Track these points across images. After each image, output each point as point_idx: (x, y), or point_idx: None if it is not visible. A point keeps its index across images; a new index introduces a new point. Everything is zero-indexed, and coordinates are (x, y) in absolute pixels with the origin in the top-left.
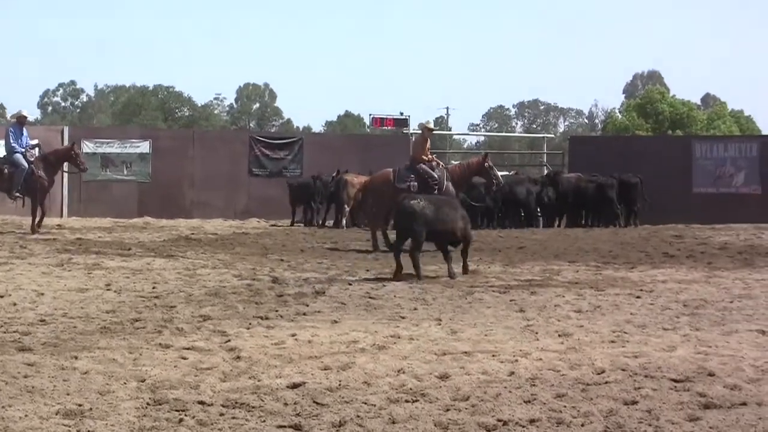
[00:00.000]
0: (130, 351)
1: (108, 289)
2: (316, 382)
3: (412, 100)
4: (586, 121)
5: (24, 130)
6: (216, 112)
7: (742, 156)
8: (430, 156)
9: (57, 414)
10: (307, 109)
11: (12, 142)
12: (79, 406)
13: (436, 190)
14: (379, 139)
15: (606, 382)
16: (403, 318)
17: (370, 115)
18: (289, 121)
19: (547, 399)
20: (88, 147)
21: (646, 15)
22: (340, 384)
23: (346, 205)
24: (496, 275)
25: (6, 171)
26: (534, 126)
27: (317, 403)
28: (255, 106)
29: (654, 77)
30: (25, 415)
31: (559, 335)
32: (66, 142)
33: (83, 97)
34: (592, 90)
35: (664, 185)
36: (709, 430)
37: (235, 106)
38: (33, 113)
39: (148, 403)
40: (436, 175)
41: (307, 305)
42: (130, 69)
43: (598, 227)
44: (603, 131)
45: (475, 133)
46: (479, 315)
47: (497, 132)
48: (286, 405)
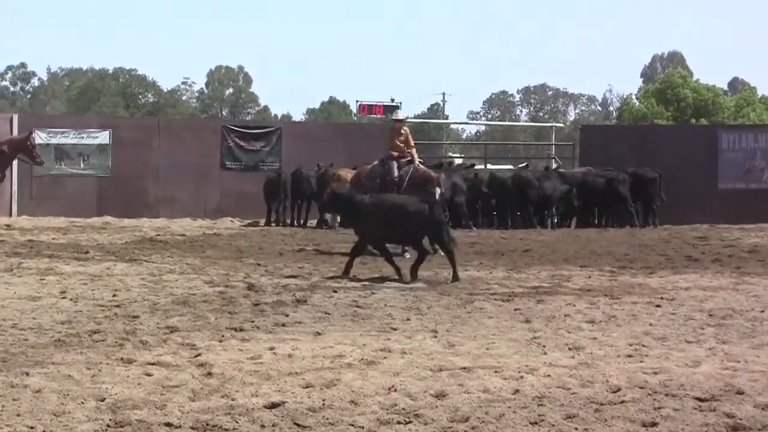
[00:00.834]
0: (88, 367)
1: (63, 297)
2: (296, 401)
3: (404, 86)
4: (600, 108)
5: None
6: (184, 98)
7: None
8: (408, 150)
9: None
10: (286, 95)
11: None
12: (31, 428)
13: (395, 191)
14: (367, 128)
15: (622, 402)
16: (394, 329)
17: (358, 101)
18: (266, 108)
19: (555, 420)
20: (40, 137)
21: None
22: (323, 404)
23: None
24: (498, 281)
25: None
26: (541, 114)
27: (298, 425)
28: (228, 92)
29: (675, 59)
30: None
31: (569, 349)
32: (15, 132)
33: (35, 82)
34: (606, 74)
35: (687, 180)
36: None
37: (206, 91)
38: None
39: (108, 425)
40: (396, 173)
41: (287, 315)
42: (88, 50)
43: (612, 227)
44: (618, 120)
45: (474, 122)
46: (480, 326)
47: (500, 121)
48: (263, 427)
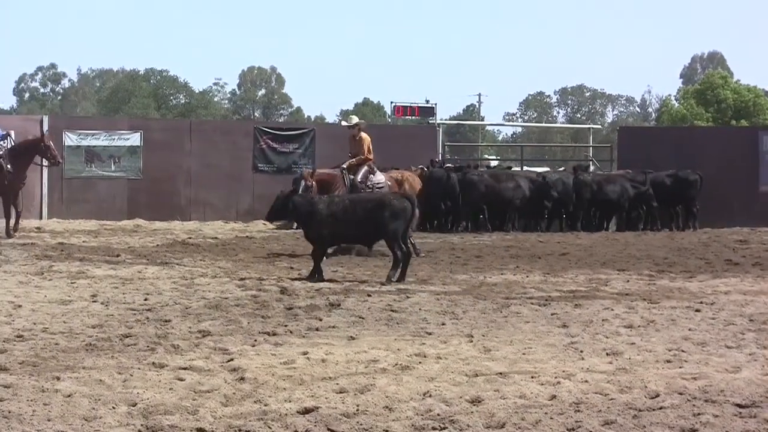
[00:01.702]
0: (119, 371)
1: (94, 301)
2: (330, 406)
3: (440, 86)
4: (638, 109)
5: None
6: (216, 99)
7: None
8: (360, 157)
9: None
10: (319, 96)
11: None
12: None
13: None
14: (402, 130)
15: (661, 408)
16: (429, 334)
17: (392, 103)
18: (299, 109)
19: (593, 426)
20: (70, 139)
21: None
22: (357, 409)
23: None
24: (535, 285)
25: None
26: (578, 115)
27: (332, 431)
28: (260, 93)
29: (715, 60)
30: None
31: (607, 354)
32: (46, 134)
33: (65, 83)
34: (645, 74)
35: (727, 183)
36: None
37: (238, 92)
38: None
39: (139, 431)
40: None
41: (321, 319)
42: (118, 51)
43: (651, 230)
44: (657, 121)
45: (511, 123)
46: (516, 331)
47: (536, 122)
48: None
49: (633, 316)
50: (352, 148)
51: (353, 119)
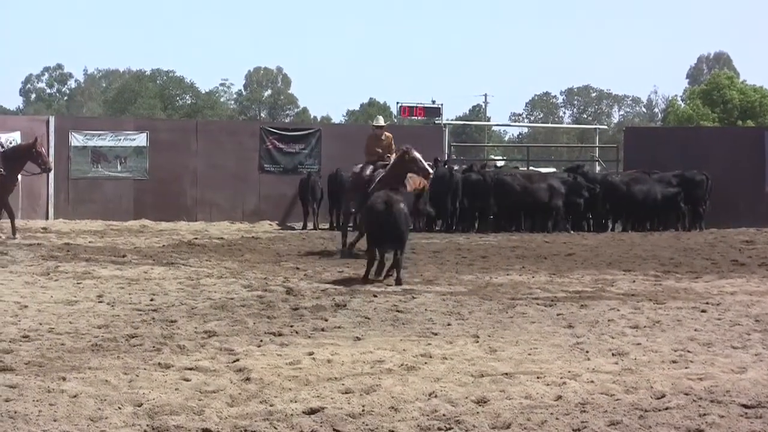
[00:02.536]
0: (125, 371)
1: (100, 301)
2: (336, 407)
3: (445, 87)
4: (644, 110)
5: None
6: (222, 100)
7: None
8: (388, 156)
9: None
10: (325, 96)
11: None
12: None
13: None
14: (408, 130)
15: (666, 408)
16: (435, 334)
17: (398, 103)
18: (305, 110)
19: (599, 427)
20: (77, 140)
21: None
22: (363, 409)
23: None
24: (541, 286)
25: None
26: (584, 116)
27: (337, 431)
28: (266, 94)
29: (721, 60)
30: None
31: (613, 354)
32: (52, 134)
33: (71, 83)
34: (651, 75)
35: (733, 183)
36: None
37: (244, 93)
38: (14, 101)
39: (145, 431)
40: (366, 174)
41: (326, 320)
42: (125, 51)
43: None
44: (663, 122)
45: (517, 123)
46: (522, 331)
47: (542, 122)
48: None
49: (639, 317)
50: (378, 147)
51: (380, 119)
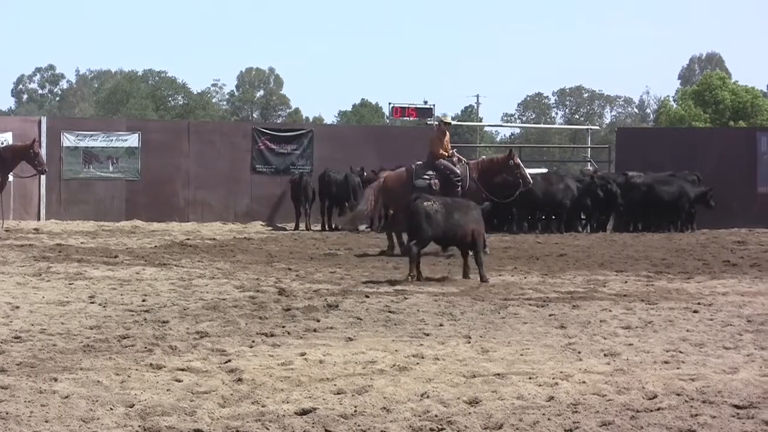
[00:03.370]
0: (117, 372)
1: (92, 302)
2: (328, 407)
3: (437, 88)
4: (636, 110)
5: None
6: (214, 100)
7: None
8: (451, 151)
9: None
10: (317, 97)
11: None
12: None
13: (459, 188)
14: (399, 131)
15: (658, 409)
16: (427, 335)
17: (390, 104)
18: (297, 110)
19: (591, 427)
20: (68, 140)
21: None
22: (355, 410)
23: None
24: (533, 286)
25: None
26: (576, 116)
27: (329, 431)
28: (258, 94)
29: (713, 61)
30: None
31: (605, 355)
32: (44, 135)
33: (63, 84)
34: (643, 75)
35: (725, 184)
36: None
37: (236, 93)
38: (6, 102)
39: None
40: (458, 171)
41: (318, 320)
42: (117, 52)
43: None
44: (655, 122)
45: (509, 124)
46: (514, 332)
47: (534, 123)
48: None
49: (631, 317)
50: (441, 142)
51: (448, 116)
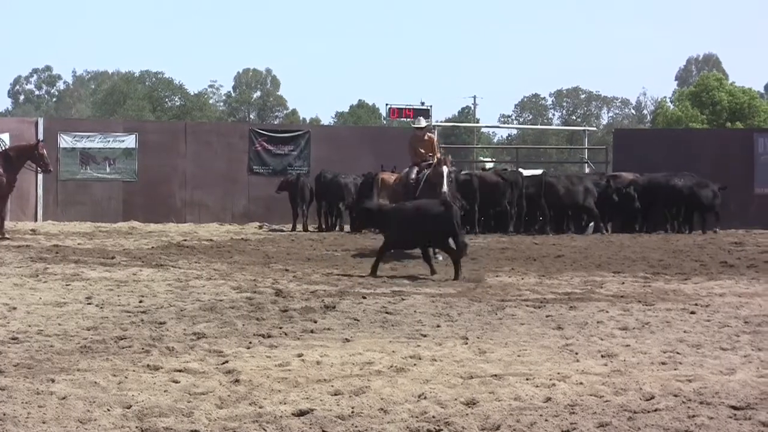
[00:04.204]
0: (114, 373)
1: (89, 303)
2: (325, 409)
3: (434, 89)
4: (633, 111)
5: None
6: (211, 101)
7: None
8: (438, 154)
9: None
10: (314, 98)
11: None
12: None
13: (412, 193)
14: (396, 132)
15: (656, 410)
16: (424, 336)
17: (387, 105)
18: (294, 111)
19: (588, 429)
20: (65, 141)
21: None
22: (352, 411)
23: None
24: (530, 287)
25: None
26: (573, 117)
27: None
28: (255, 95)
29: (710, 62)
30: None
31: (602, 356)
32: (41, 135)
33: (60, 85)
34: (640, 76)
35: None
36: None
37: (233, 94)
38: (2, 103)
39: None
40: (412, 177)
41: (315, 321)
42: (114, 53)
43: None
44: (652, 123)
45: (506, 125)
46: (511, 333)
47: (531, 124)
48: None
49: (628, 318)
50: (421, 148)
51: (423, 122)
